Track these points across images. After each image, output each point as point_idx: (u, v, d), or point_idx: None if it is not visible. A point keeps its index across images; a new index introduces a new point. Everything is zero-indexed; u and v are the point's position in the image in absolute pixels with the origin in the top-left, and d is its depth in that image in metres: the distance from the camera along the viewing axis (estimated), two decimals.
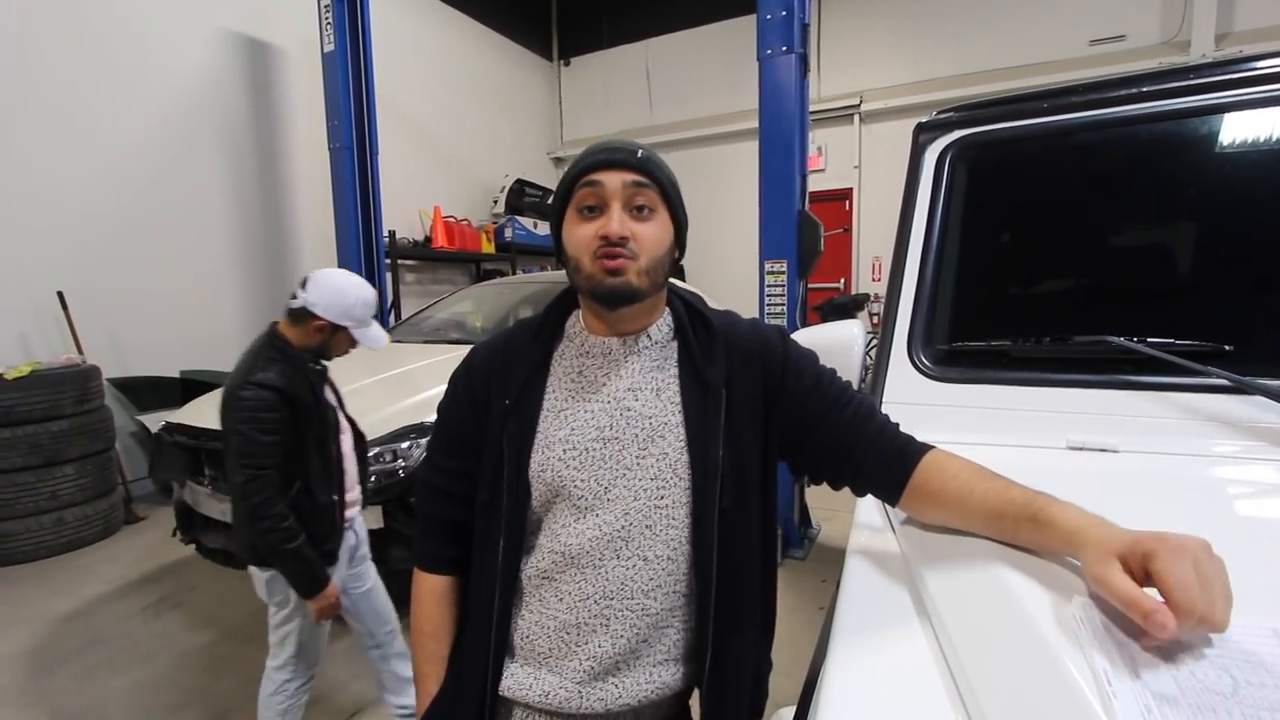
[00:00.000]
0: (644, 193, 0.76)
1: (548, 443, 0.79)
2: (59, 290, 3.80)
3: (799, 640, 2.33)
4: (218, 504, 2.43)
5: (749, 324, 0.87)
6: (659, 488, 0.78)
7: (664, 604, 0.79)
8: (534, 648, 0.80)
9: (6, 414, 3.20)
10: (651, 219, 0.77)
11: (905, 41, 6.56)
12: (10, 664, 2.36)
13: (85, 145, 4.04)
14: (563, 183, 0.80)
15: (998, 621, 0.56)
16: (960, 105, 1.28)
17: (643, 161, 0.77)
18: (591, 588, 0.77)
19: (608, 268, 0.74)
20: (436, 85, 6.79)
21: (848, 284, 7.05)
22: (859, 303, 6.27)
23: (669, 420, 0.79)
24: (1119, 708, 0.41)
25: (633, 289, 0.75)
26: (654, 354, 0.83)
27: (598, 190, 0.75)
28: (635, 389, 0.80)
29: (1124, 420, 0.94)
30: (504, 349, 0.86)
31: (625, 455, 0.78)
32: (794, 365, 0.82)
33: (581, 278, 0.77)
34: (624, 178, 0.76)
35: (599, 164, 0.76)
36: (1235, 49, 5.27)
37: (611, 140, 0.80)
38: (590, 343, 0.83)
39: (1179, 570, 0.48)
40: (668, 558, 0.78)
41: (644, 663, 0.79)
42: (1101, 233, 1.21)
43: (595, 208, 0.76)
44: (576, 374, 0.82)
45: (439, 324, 3.74)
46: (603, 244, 0.74)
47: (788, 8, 2.99)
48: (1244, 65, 1.04)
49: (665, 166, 0.80)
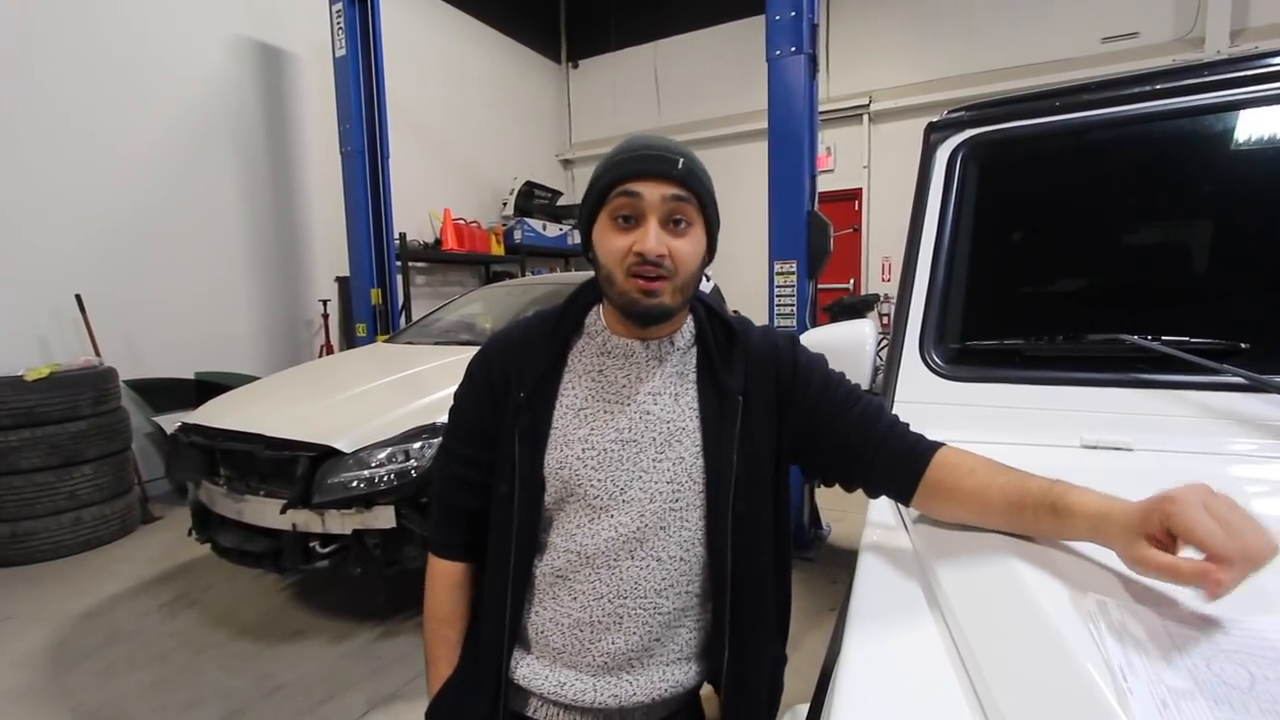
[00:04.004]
0: (683, 206, 0.74)
1: (566, 440, 0.79)
2: (77, 293, 3.86)
3: (810, 640, 2.34)
4: (233, 504, 2.45)
5: (760, 331, 0.87)
6: (674, 491, 0.78)
7: (677, 603, 0.79)
8: (549, 643, 0.80)
9: (26, 415, 3.24)
10: (688, 233, 0.75)
11: (914, 41, 6.53)
12: (31, 661, 2.40)
13: (102, 152, 4.09)
14: (597, 183, 0.76)
15: (1012, 618, 0.56)
16: (971, 104, 1.28)
17: (684, 175, 0.74)
18: (605, 587, 0.78)
19: (644, 289, 0.73)
20: (446, 89, 6.83)
21: (857, 284, 7.02)
22: (869, 303, 6.23)
23: (686, 425, 0.79)
24: (1135, 703, 0.41)
25: (667, 309, 0.75)
26: (675, 360, 0.83)
27: (636, 202, 0.73)
28: (656, 393, 0.80)
29: (1139, 419, 0.94)
30: (522, 339, 0.85)
31: (643, 458, 0.78)
32: (804, 370, 0.83)
33: (615, 292, 0.76)
34: (664, 191, 0.73)
35: (638, 173, 0.73)
36: (1250, 45, 5.21)
37: (652, 143, 0.76)
38: (613, 343, 0.82)
39: (1197, 521, 0.49)
40: (680, 558, 0.79)
41: (657, 660, 0.80)
42: (1115, 231, 1.20)
43: (631, 218, 0.74)
44: (597, 373, 0.82)
45: (449, 326, 3.75)
46: (638, 260, 0.72)
47: (797, 8, 2.99)
48: (1259, 61, 1.03)
49: (706, 175, 0.78)
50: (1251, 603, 0.51)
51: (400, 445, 2.31)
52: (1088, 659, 0.46)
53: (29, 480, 3.27)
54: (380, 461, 2.27)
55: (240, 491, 2.42)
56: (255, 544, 2.42)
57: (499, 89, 7.53)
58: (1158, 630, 0.48)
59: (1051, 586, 0.57)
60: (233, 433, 2.47)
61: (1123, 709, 0.41)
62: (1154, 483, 0.83)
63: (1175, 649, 0.46)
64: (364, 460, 2.26)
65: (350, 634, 2.51)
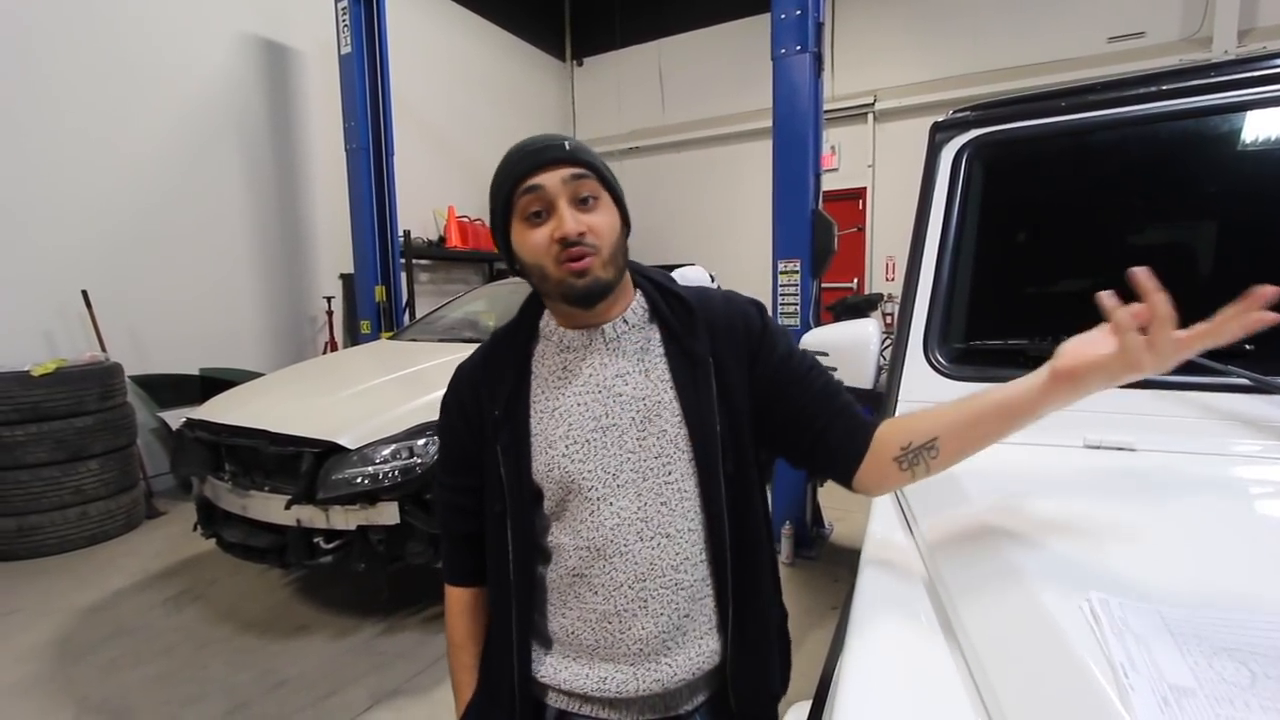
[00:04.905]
0: (585, 183, 0.75)
1: (548, 443, 0.80)
2: (83, 289, 3.88)
3: (812, 639, 2.34)
4: (238, 499, 2.46)
5: (722, 296, 0.88)
6: (664, 465, 0.79)
7: (694, 575, 0.80)
8: (581, 642, 0.81)
9: (33, 410, 3.26)
10: (598, 207, 0.76)
11: (919, 39, 6.51)
12: (37, 654, 2.41)
13: (108, 149, 4.11)
14: (499, 193, 0.77)
15: (1014, 616, 0.56)
16: (977, 104, 1.28)
17: (574, 153, 0.75)
18: (622, 574, 0.78)
19: (574, 269, 0.74)
20: (451, 86, 6.84)
21: (861, 284, 7.01)
22: (872, 302, 6.23)
23: (662, 398, 0.80)
24: (1136, 700, 0.42)
25: (603, 283, 0.76)
26: (634, 337, 0.83)
27: (540, 194, 0.74)
28: (622, 374, 0.81)
29: (1142, 419, 0.94)
30: (485, 362, 0.87)
31: (626, 439, 0.79)
32: (770, 335, 0.84)
33: (550, 284, 0.76)
34: (562, 173, 0.74)
35: (533, 166, 0.74)
36: (1258, 45, 5.18)
37: (533, 139, 0.77)
38: (568, 337, 0.83)
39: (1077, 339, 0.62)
40: (688, 530, 0.80)
41: (690, 636, 0.81)
42: (1119, 231, 1.20)
43: (541, 212, 0.75)
44: (561, 370, 0.83)
45: (453, 323, 3.76)
46: (561, 246, 0.73)
47: (802, 7, 2.99)
48: (1267, 62, 1.03)
49: (591, 150, 0.79)
50: (1252, 600, 0.51)
51: (404, 442, 2.32)
52: (1089, 657, 0.46)
53: (35, 475, 3.29)
54: (384, 458, 2.28)
55: (245, 487, 2.43)
56: (260, 539, 2.43)
57: (503, 87, 7.54)
58: (1159, 628, 0.48)
59: (1053, 585, 0.57)
60: (238, 428, 2.48)
61: (1124, 706, 0.42)
62: (1157, 483, 0.84)
63: (1176, 646, 0.46)
64: (368, 457, 2.27)
65: (354, 629, 2.53)
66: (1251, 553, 0.60)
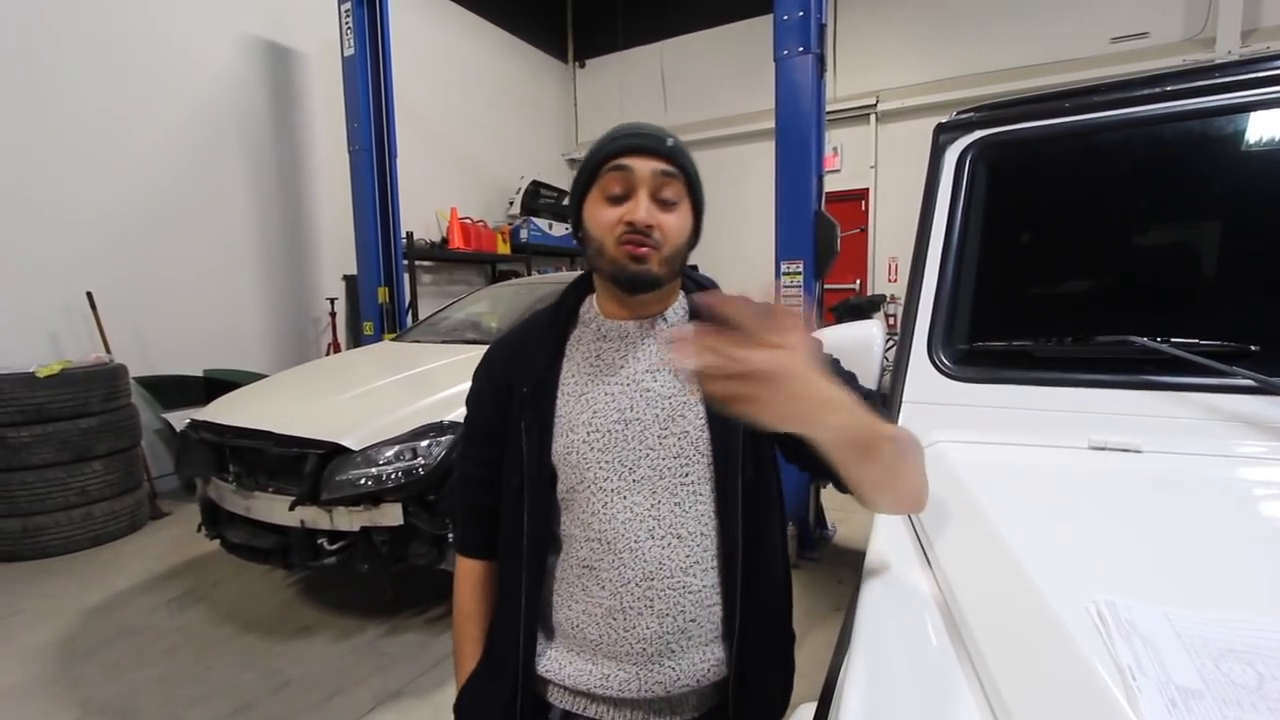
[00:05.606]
0: (672, 184, 0.77)
1: (570, 426, 0.80)
2: (88, 291, 3.89)
3: (815, 640, 2.33)
4: (242, 500, 2.47)
5: None
6: (682, 465, 0.79)
7: (704, 580, 0.80)
8: (585, 636, 0.81)
9: (38, 411, 3.28)
10: (676, 210, 0.78)
11: (922, 41, 6.51)
12: (41, 654, 2.42)
13: (112, 150, 4.13)
14: (589, 162, 0.79)
15: (1020, 617, 0.56)
16: (981, 105, 1.28)
17: (673, 151, 0.77)
18: (631, 571, 0.78)
19: (633, 254, 0.75)
20: (453, 88, 6.85)
21: (864, 285, 7.00)
22: (875, 304, 6.22)
23: (688, 399, 0.80)
24: (1144, 702, 0.42)
25: (654, 276, 0.77)
26: (670, 336, 0.83)
27: (627, 176, 0.76)
28: (654, 370, 0.81)
29: (1147, 420, 0.94)
30: (521, 340, 0.88)
31: (648, 435, 0.79)
32: None
33: (604, 261, 0.78)
34: (654, 166, 0.76)
35: (629, 148, 0.76)
36: (1262, 46, 5.17)
37: (640, 124, 0.79)
38: (606, 326, 0.84)
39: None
40: (700, 533, 0.79)
41: (695, 641, 0.80)
42: (1124, 233, 1.20)
43: (621, 196, 0.76)
44: (594, 358, 0.83)
45: (456, 324, 3.77)
46: (628, 230, 0.75)
47: (805, 8, 2.99)
48: (1272, 63, 1.03)
49: (691, 156, 0.80)
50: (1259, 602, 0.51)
51: (408, 443, 2.32)
52: (1096, 658, 0.46)
53: (40, 476, 3.30)
54: (388, 459, 2.28)
55: (249, 488, 2.44)
56: (263, 540, 2.44)
57: (506, 88, 7.55)
58: (1165, 630, 0.48)
59: (1059, 586, 0.57)
60: (242, 430, 2.49)
61: (1132, 708, 0.42)
62: (1162, 484, 0.84)
63: (1183, 648, 0.46)
64: (372, 458, 2.28)
65: (357, 630, 2.53)
66: (1258, 554, 0.60)
